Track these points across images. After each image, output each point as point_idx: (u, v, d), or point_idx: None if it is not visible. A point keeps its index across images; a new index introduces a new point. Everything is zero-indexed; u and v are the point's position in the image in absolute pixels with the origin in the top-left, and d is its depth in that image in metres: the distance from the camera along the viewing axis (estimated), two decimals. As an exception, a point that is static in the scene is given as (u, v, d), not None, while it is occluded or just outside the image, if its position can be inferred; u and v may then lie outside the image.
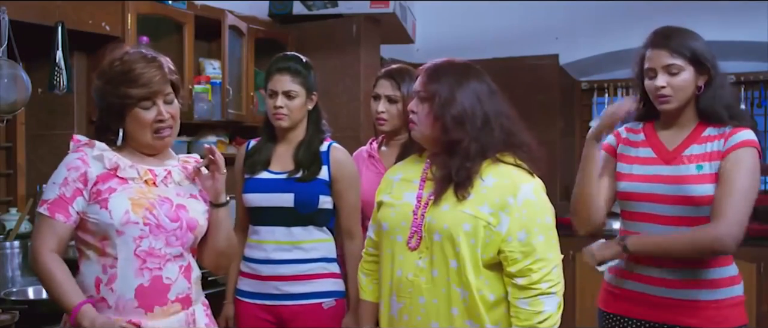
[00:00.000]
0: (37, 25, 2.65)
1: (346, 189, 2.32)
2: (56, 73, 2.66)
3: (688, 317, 1.98)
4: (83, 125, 3.10)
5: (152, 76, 1.78)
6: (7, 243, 2.69)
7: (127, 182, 1.79)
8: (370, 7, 3.84)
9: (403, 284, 1.83)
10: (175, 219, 1.80)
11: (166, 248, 1.78)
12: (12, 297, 2.41)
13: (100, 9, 2.85)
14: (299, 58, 2.37)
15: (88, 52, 3.07)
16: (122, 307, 1.74)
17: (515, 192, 1.76)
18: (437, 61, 1.89)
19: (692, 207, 1.95)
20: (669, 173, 1.99)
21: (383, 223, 1.90)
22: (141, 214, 1.75)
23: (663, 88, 1.95)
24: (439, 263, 1.78)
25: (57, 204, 1.75)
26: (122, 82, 1.78)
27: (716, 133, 1.97)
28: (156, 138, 1.82)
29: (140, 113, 1.79)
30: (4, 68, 2.56)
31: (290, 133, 2.36)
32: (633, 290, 2.05)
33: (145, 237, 1.75)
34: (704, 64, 1.94)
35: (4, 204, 2.95)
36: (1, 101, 2.56)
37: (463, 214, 1.76)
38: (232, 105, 3.55)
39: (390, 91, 2.42)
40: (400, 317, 1.84)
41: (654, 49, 1.97)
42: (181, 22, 3.22)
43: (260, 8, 3.95)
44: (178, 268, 1.81)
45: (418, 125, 1.85)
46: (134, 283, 1.75)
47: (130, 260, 1.75)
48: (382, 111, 2.43)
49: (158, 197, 1.80)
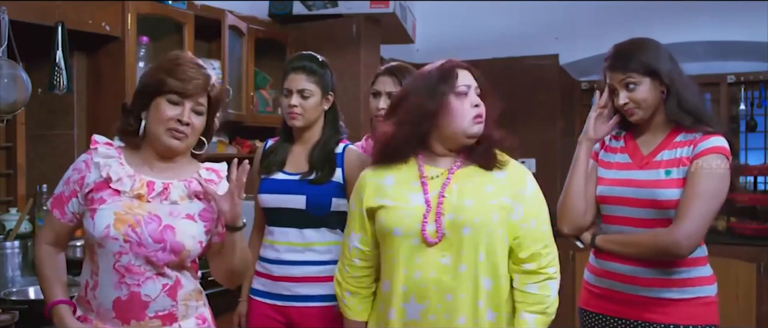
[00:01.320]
0: (37, 25, 2.65)
1: None
2: (56, 73, 2.66)
3: (656, 313, 2.02)
4: (83, 125, 3.10)
5: (192, 78, 1.78)
6: (8, 243, 2.69)
7: (119, 195, 1.77)
8: (370, 7, 3.84)
9: (425, 284, 1.81)
10: (159, 240, 1.75)
11: (145, 266, 1.75)
12: (12, 297, 2.41)
13: (100, 9, 2.85)
14: (315, 57, 2.33)
15: (88, 52, 3.07)
16: (102, 314, 1.77)
17: (524, 183, 1.89)
18: (463, 60, 1.93)
19: (659, 210, 2.00)
20: (641, 177, 2.05)
21: (395, 228, 1.84)
22: (122, 230, 1.72)
23: (626, 104, 2.04)
24: (468, 258, 1.80)
25: (57, 200, 1.84)
26: (165, 70, 1.80)
27: (686, 139, 2.02)
28: (168, 136, 1.78)
29: (164, 105, 1.78)
30: (4, 68, 2.56)
31: (306, 134, 2.33)
32: (607, 287, 2.11)
33: (124, 253, 1.73)
34: (659, 74, 2.00)
35: (4, 204, 2.96)
36: (1, 101, 2.56)
37: (490, 205, 1.82)
38: (232, 105, 3.55)
39: (391, 88, 2.39)
40: (424, 319, 1.81)
41: (610, 71, 2.08)
42: (181, 22, 3.22)
43: (260, 8, 3.95)
44: (160, 286, 1.77)
45: (483, 122, 1.88)
46: (112, 295, 1.75)
47: (109, 273, 1.75)
48: (382, 108, 2.41)
49: (147, 214, 1.76)
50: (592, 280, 2.18)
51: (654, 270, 2.02)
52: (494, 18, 4.87)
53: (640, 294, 2.04)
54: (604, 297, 2.12)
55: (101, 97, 3.05)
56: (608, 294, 2.10)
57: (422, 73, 1.93)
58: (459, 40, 4.84)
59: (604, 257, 2.11)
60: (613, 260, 2.08)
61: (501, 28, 4.87)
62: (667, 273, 2.01)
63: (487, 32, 4.86)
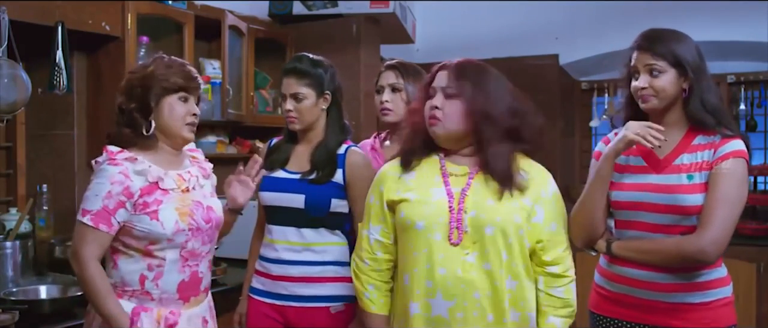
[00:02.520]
0: (37, 25, 2.65)
1: (361, 194, 2.20)
2: (56, 73, 2.66)
3: (677, 319, 1.98)
4: (83, 125, 3.10)
5: (191, 73, 1.99)
6: (8, 243, 2.69)
7: (169, 193, 1.94)
8: (370, 7, 3.84)
9: (451, 281, 1.81)
10: (208, 220, 2.01)
11: (201, 247, 2.00)
12: (12, 297, 2.41)
13: (100, 9, 2.85)
14: (307, 58, 2.32)
15: (88, 52, 3.07)
16: (164, 300, 1.95)
17: (545, 185, 1.89)
18: (459, 59, 1.92)
19: (682, 216, 1.95)
20: (660, 182, 1.99)
21: (418, 221, 1.85)
22: (187, 221, 1.94)
23: (644, 88, 1.98)
24: (492, 256, 1.81)
25: (100, 215, 1.86)
26: (166, 71, 1.95)
27: (706, 142, 1.97)
28: (188, 130, 1.99)
29: (177, 104, 1.96)
30: (4, 68, 2.56)
31: (309, 134, 2.34)
32: (622, 292, 2.05)
33: (189, 240, 1.96)
34: (686, 68, 1.95)
35: (4, 204, 2.95)
36: (1, 101, 2.55)
37: (513, 206, 1.83)
38: (232, 105, 3.55)
39: (393, 80, 2.41)
40: (453, 315, 1.81)
41: (638, 51, 2.00)
42: (181, 22, 3.22)
43: (260, 8, 3.95)
44: (208, 263, 2.06)
45: (442, 122, 1.86)
46: (177, 279, 1.96)
47: (176, 261, 1.95)
48: (386, 100, 2.41)
49: (193, 202, 1.99)
50: (604, 284, 2.12)
51: (673, 275, 1.97)
52: (494, 18, 4.87)
53: (661, 300, 1.99)
54: (618, 302, 2.07)
55: (101, 97, 3.05)
56: (623, 299, 2.05)
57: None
58: (459, 40, 4.84)
59: (618, 262, 2.05)
60: (628, 265, 2.02)
61: (501, 28, 4.87)
62: (686, 277, 1.97)
63: (487, 32, 4.86)
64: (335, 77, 2.34)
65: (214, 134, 3.64)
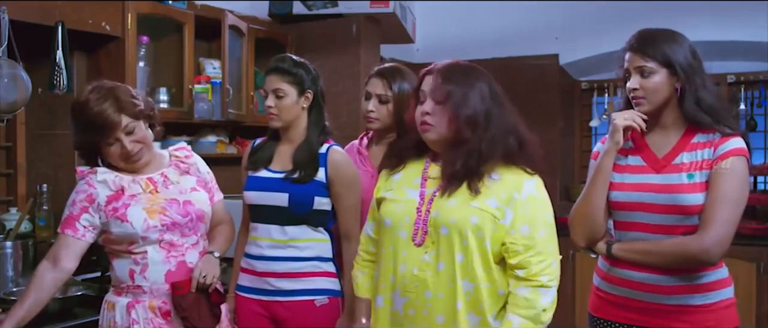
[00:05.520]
0: (37, 25, 2.65)
1: (343, 192, 2.32)
2: (56, 73, 2.66)
3: (679, 321, 1.97)
4: (83, 125, 3.10)
5: (103, 112, 1.97)
6: (8, 243, 2.69)
7: (136, 196, 2.06)
8: (370, 7, 3.84)
9: (408, 279, 1.85)
10: (185, 214, 2.10)
11: (183, 239, 2.10)
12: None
13: (100, 9, 2.85)
14: (290, 58, 2.37)
15: (88, 52, 3.07)
16: (154, 291, 2.06)
17: (519, 188, 1.83)
18: (446, 62, 1.91)
19: (682, 216, 1.94)
20: (660, 181, 1.97)
21: (386, 219, 1.92)
22: (157, 219, 2.04)
23: (635, 90, 1.97)
24: (446, 257, 1.81)
25: (66, 222, 2.05)
26: (82, 127, 2.02)
27: (705, 141, 1.96)
28: (131, 163, 2.07)
29: (108, 149, 2.04)
30: (4, 68, 2.57)
31: (291, 133, 2.37)
32: (622, 295, 2.04)
33: (165, 234, 2.06)
34: (676, 68, 1.94)
35: (4, 204, 2.96)
36: (1, 101, 2.56)
37: (471, 207, 1.81)
38: (232, 105, 3.55)
39: (381, 91, 2.45)
40: (406, 312, 1.86)
41: (630, 52, 2.00)
42: (181, 22, 3.22)
43: (260, 8, 3.95)
44: (197, 253, 2.13)
45: (435, 127, 1.86)
46: (163, 269, 2.07)
47: (157, 251, 2.06)
48: (371, 110, 2.46)
49: (165, 201, 2.09)
50: (603, 286, 2.10)
51: (675, 277, 1.95)
52: (494, 18, 4.87)
53: (662, 302, 1.97)
54: (618, 305, 2.05)
55: (101, 97, 3.05)
56: (624, 302, 2.03)
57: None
58: (459, 40, 4.84)
59: (618, 265, 2.03)
60: (629, 268, 2.00)
61: (501, 28, 4.87)
62: (688, 279, 1.95)
63: (487, 32, 4.86)
64: (318, 80, 2.38)
65: (214, 134, 3.64)
